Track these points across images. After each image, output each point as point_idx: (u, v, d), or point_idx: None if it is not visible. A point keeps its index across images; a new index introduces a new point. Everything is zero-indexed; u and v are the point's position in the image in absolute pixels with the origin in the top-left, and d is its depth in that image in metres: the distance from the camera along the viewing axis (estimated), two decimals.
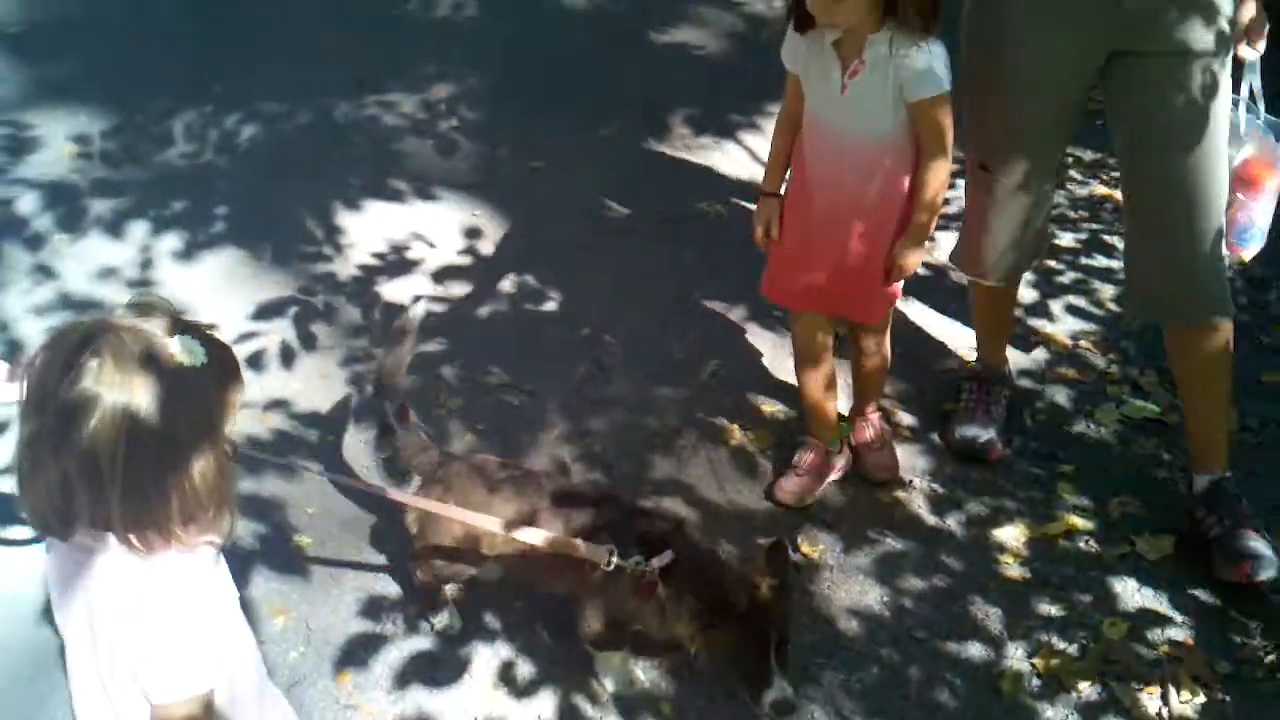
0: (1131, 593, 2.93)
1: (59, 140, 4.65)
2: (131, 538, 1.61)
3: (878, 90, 2.62)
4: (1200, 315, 2.89)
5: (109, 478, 1.55)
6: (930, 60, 2.57)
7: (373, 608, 2.87)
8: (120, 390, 1.54)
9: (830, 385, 3.16)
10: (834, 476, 3.20)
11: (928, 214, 2.77)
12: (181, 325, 1.67)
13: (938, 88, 2.60)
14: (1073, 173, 4.55)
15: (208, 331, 1.71)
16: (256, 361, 3.62)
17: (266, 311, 3.83)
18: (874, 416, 3.27)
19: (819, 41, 2.66)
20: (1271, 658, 2.75)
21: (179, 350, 1.61)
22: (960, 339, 3.73)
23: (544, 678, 2.72)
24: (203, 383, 1.64)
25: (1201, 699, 2.67)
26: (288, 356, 3.65)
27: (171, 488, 1.60)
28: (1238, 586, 2.87)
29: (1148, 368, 3.61)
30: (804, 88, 2.77)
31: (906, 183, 2.75)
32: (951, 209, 3.90)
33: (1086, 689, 2.70)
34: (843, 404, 3.34)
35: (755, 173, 4.51)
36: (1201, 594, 2.92)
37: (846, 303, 2.99)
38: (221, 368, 1.70)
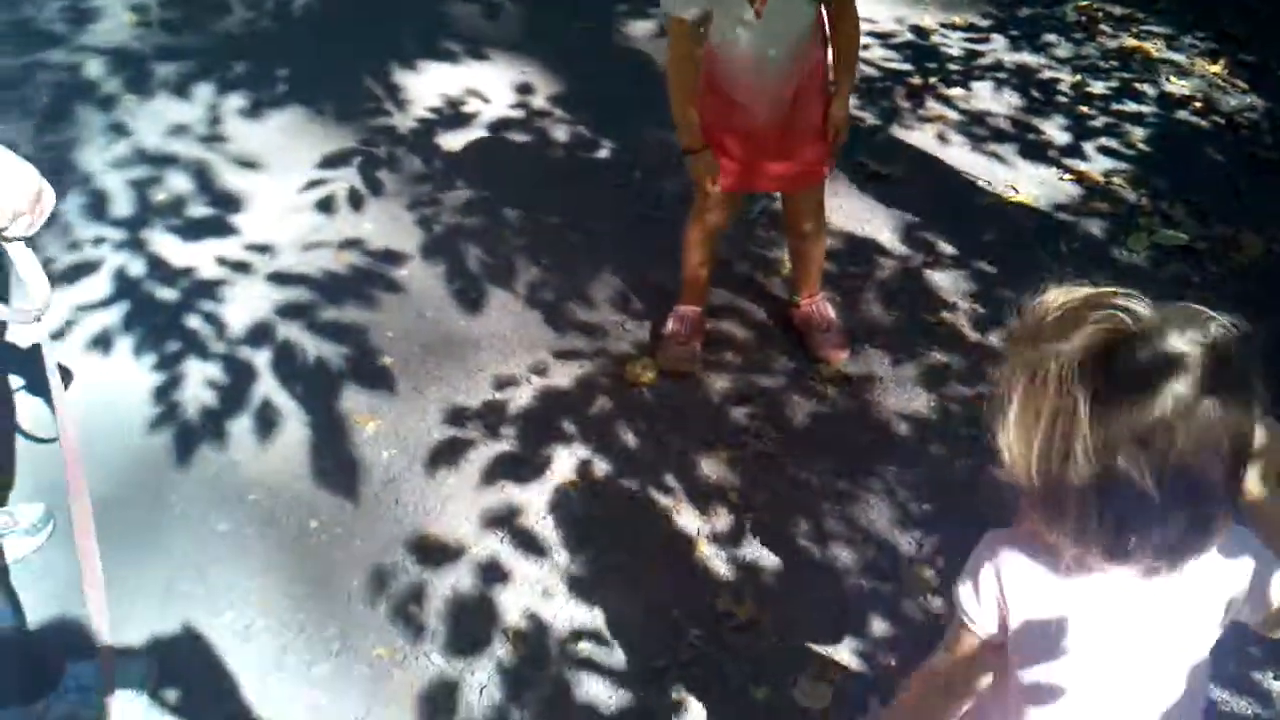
0: None
1: (119, 9, 4.80)
2: None
3: (797, 4, 2.68)
4: None
5: None
6: None
7: (456, 416, 3.08)
8: None
9: (710, 259, 3.23)
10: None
11: (852, 67, 2.86)
12: None
13: None
14: (1103, 26, 4.67)
15: None
16: (328, 205, 3.81)
17: (333, 161, 4.01)
18: (820, 298, 3.32)
19: None
20: None
21: None
22: (996, 175, 3.90)
23: (619, 473, 2.94)
24: None
25: None
26: (357, 201, 3.84)
27: None
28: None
29: (1176, 200, 3.78)
30: (714, 24, 2.73)
31: (819, 45, 2.81)
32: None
33: None
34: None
35: None
36: None
37: (795, 178, 3.03)
38: None
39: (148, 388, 3.17)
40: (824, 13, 2.77)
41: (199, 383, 3.19)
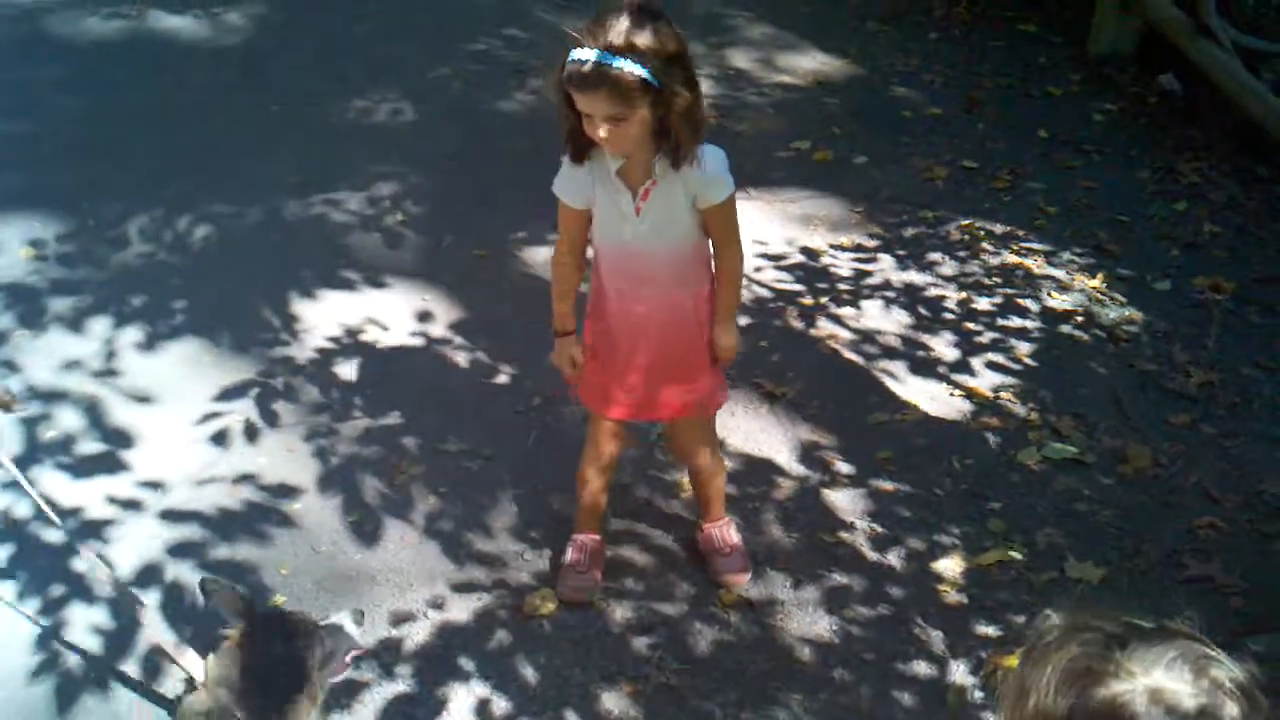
0: None
1: (15, 245, 4.79)
2: None
3: (673, 204, 2.69)
4: None
5: None
6: (717, 166, 2.68)
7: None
8: None
9: (606, 487, 3.24)
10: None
11: (734, 295, 2.90)
12: None
13: (728, 188, 2.72)
14: (985, 244, 4.86)
15: None
16: (222, 439, 3.77)
17: (229, 393, 3.98)
18: (723, 522, 3.30)
19: (602, 171, 2.70)
20: None
21: None
22: (888, 392, 3.98)
23: (519, 713, 2.86)
24: None
25: None
26: (252, 434, 3.80)
27: None
28: (1162, 606, 3.11)
29: (1064, 413, 3.88)
30: (594, 216, 2.80)
31: (704, 275, 2.86)
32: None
33: None
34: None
35: None
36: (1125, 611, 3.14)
37: (662, 406, 3.02)
38: None
39: (29, 636, 3.05)
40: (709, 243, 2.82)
41: (83, 628, 3.08)
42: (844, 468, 3.67)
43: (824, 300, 4.50)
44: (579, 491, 3.24)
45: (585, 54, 2.43)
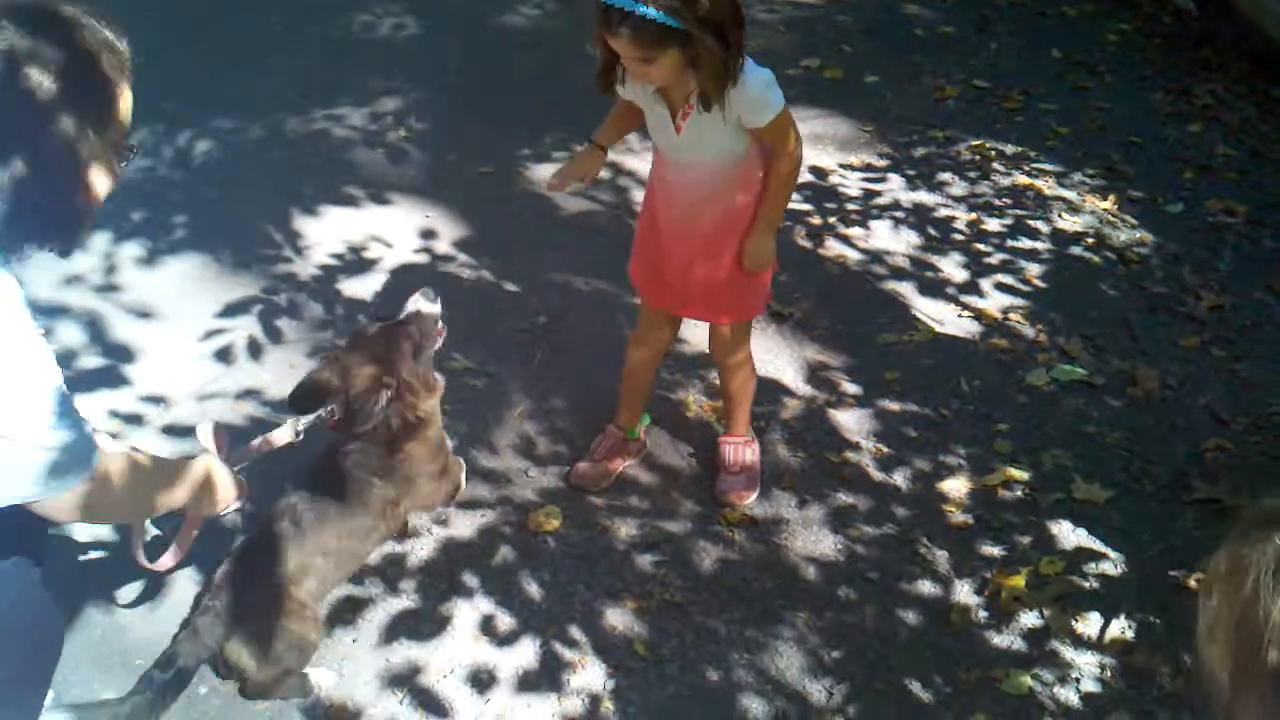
0: (1067, 533, 3.14)
1: None
2: None
3: (714, 125, 2.66)
4: None
5: None
6: (760, 88, 2.63)
7: (355, 572, 2.99)
8: None
9: (649, 383, 3.30)
10: (627, 463, 3.33)
11: (777, 206, 2.88)
12: None
13: (773, 109, 2.67)
14: (996, 165, 4.80)
15: None
16: (225, 355, 3.74)
17: (232, 310, 3.95)
18: (739, 441, 3.29)
19: (645, 89, 2.70)
20: (1200, 580, 2.96)
21: None
22: (896, 313, 3.94)
23: (523, 628, 2.86)
24: None
25: (1135, 626, 2.88)
26: (255, 350, 3.77)
27: None
28: (1168, 526, 3.11)
29: (1073, 335, 3.84)
30: (646, 118, 2.82)
31: (748, 194, 2.85)
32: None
33: (1029, 617, 2.90)
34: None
35: None
36: (1132, 532, 3.13)
37: (698, 306, 3.07)
38: None
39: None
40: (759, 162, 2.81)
41: (86, 540, 3.07)
42: (851, 388, 3.64)
43: (832, 220, 4.45)
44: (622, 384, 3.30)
45: (617, 0, 2.40)
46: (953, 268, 4.21)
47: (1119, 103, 5.25)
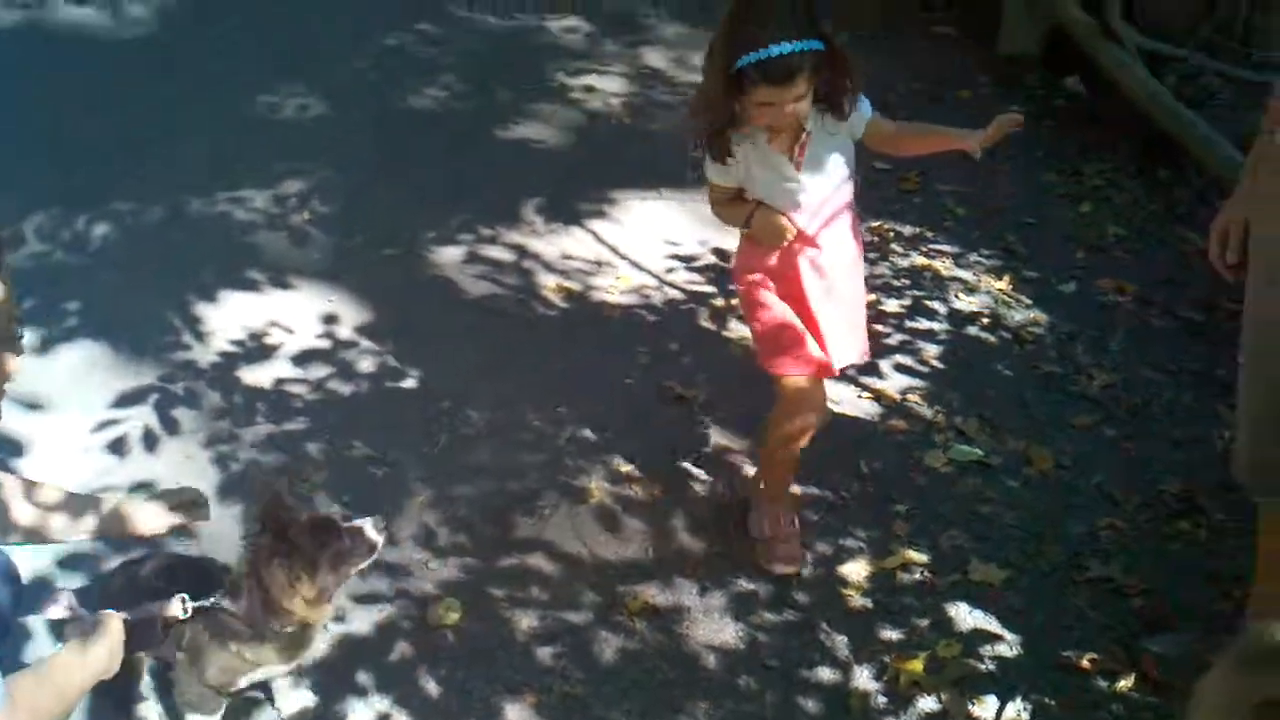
0: (964, 615, 3.17)
1: None
2: None
3: (830, 146, 2.81)
4: None
5: None
6: (860, 96, 2.79)
7: None
8: None
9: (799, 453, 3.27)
10: None
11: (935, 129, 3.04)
12: None
13: (869, 106, 2.84)
14: (894, 245, 4.89)
15: None
16: (118, 446, 3.68)
17: (127, 399, 3.89)
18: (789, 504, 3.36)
19: (753, 149, 2.76)
20: (1093, 660, 3.00)
21: None
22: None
23: None
24: None
25: (1031, 708, 2.91)
26: (150, 441, 3.72)
27: None
28: (1063, 606, 3.16)
29: (970, 415, 3.90)
30: (752, 186, 2.85)
31: (855, 216, 3.00)
32: None
33: (927, 701, 2.92)
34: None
35: (602, 254, 4.77)
36: (1028, 613, 3.18)
37: (850, 351, 3.10)
38: None
39: None
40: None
41: None
42: (753, 471, 3.66)
43: (735, 301, 4.50)
44: (772, 460, 3.27)
45: (783, 47, 2.49)
46: None
47: (1014, 183, 5.38)
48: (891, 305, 4.52)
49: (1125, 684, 2.94)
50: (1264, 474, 2.62)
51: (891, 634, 3.11)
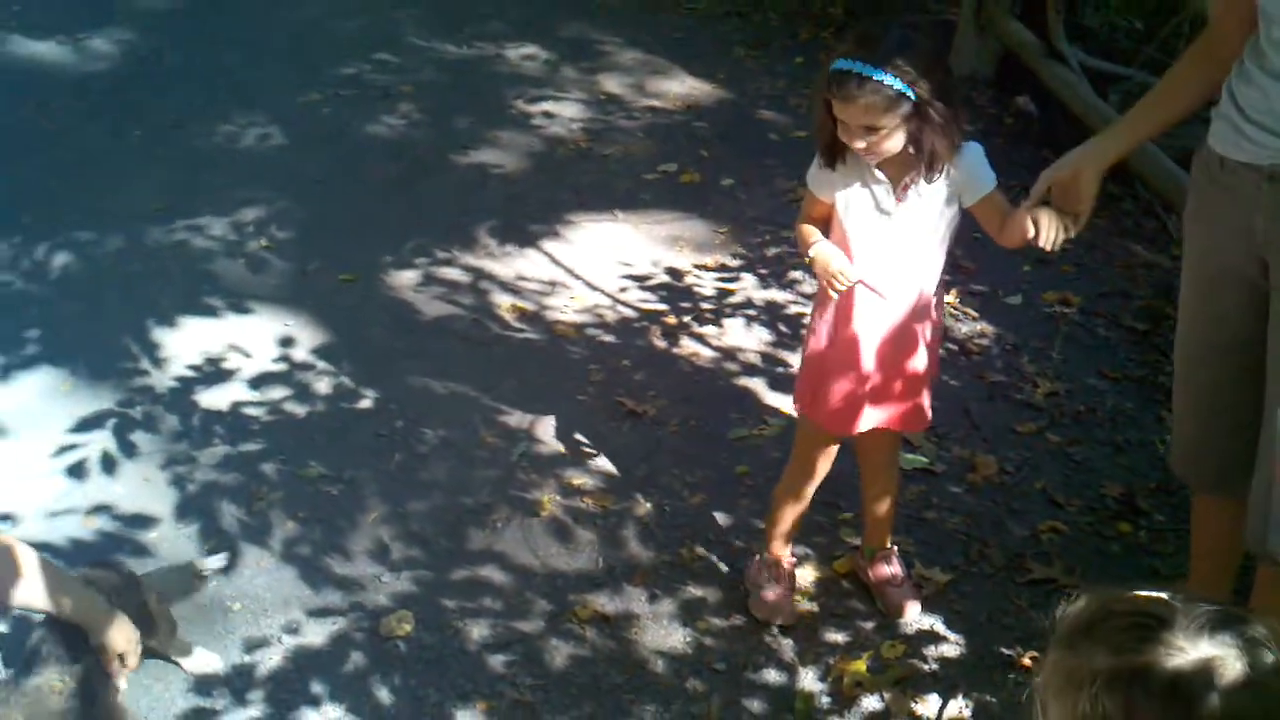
0: (909, 617, 3.24)
1: None
2: None
3: (934, 197, 2.69)
4: None
5: None
6: (979, 159, 2.70)
7: (202, 684, 2.98)
8: None
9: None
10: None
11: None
12: None
13: (992, 181, 2.72)
14: None
15: None
16: (77, 471, 3.72)
17: (86, 424, 3.93)
18: (893, 550, 3.30)
19: (858, 166, 2.69)
20: (1035, 658, 3.07)
21: None
22: (748, 409, 4.06)
23: None
24: None
25: (973, 705, 2.97)
26: (109, 465, 3.75)
27: None
28: (1005, 607, 3.23)
29: None
30: (845, 215, 2.77)
31: (939, 281, 2.87)
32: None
33: (870, 700, 2.98)
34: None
35: (557, 275, 4.84)
36: (971, 614, 3.24)
37: (893, 410, 2.98)
38: None
39: None
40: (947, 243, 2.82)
41: None
42: (704, 482, 3.73)
43: (687, 319, 4.58)
44: (780, 511, 3.23)
45: (848, 64, 2.48)
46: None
47: None
48: None
49: None
50: (1192, 465, 2.82)
51: (837, 636, 3.18)
